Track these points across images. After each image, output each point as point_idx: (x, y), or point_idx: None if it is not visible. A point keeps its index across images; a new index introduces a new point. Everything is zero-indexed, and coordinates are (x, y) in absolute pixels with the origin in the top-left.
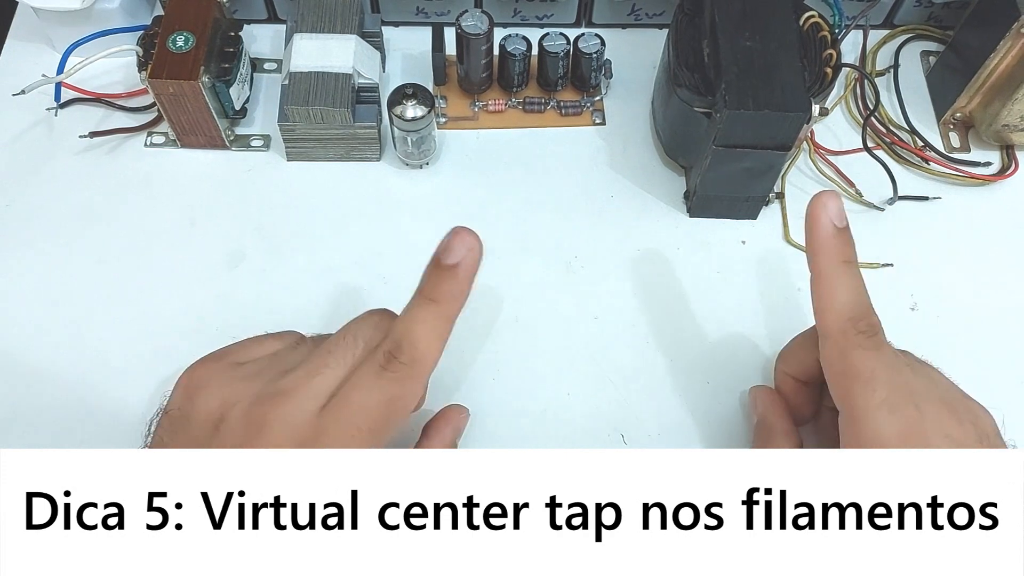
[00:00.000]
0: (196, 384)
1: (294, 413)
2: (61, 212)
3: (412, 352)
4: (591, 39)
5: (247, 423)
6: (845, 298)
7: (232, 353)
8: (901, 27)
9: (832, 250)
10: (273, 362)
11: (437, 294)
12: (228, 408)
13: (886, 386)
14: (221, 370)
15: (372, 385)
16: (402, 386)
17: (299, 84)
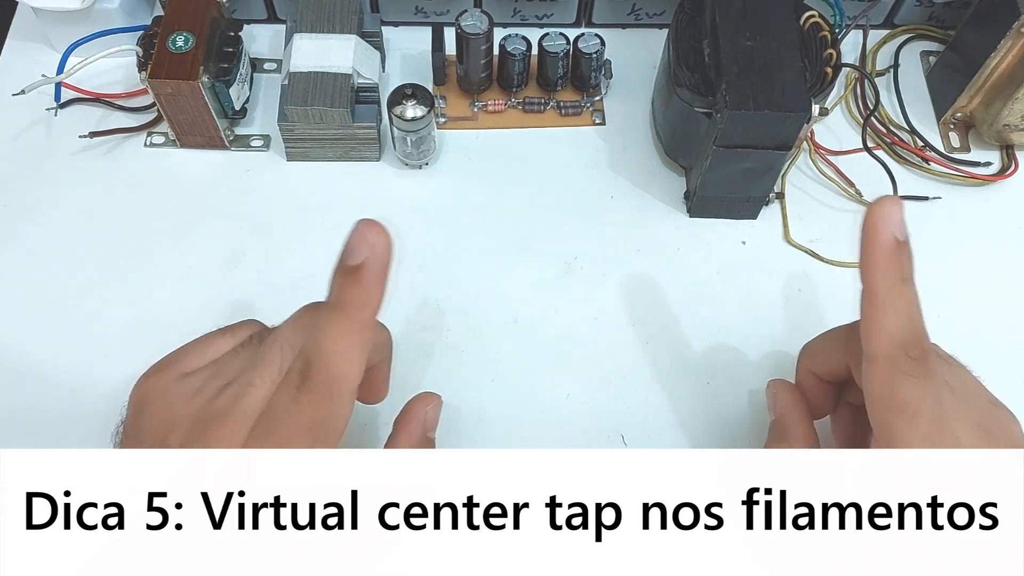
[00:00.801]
0: (142, 400)
1: (223, 441)
2: (61, 212)
3: (325, 371)
4: (591, 39)
5: (184, 452)
6: (900, 322)
7: (179, 360)
8: (901, 27)
9: (890, 266)
10: (214, 374)
11: (343, 301)
12: (169, 432)
13: (929, 421)
14: (165, 386)
15: (290, 410)
16: (321, 408)
17: (299, 84)
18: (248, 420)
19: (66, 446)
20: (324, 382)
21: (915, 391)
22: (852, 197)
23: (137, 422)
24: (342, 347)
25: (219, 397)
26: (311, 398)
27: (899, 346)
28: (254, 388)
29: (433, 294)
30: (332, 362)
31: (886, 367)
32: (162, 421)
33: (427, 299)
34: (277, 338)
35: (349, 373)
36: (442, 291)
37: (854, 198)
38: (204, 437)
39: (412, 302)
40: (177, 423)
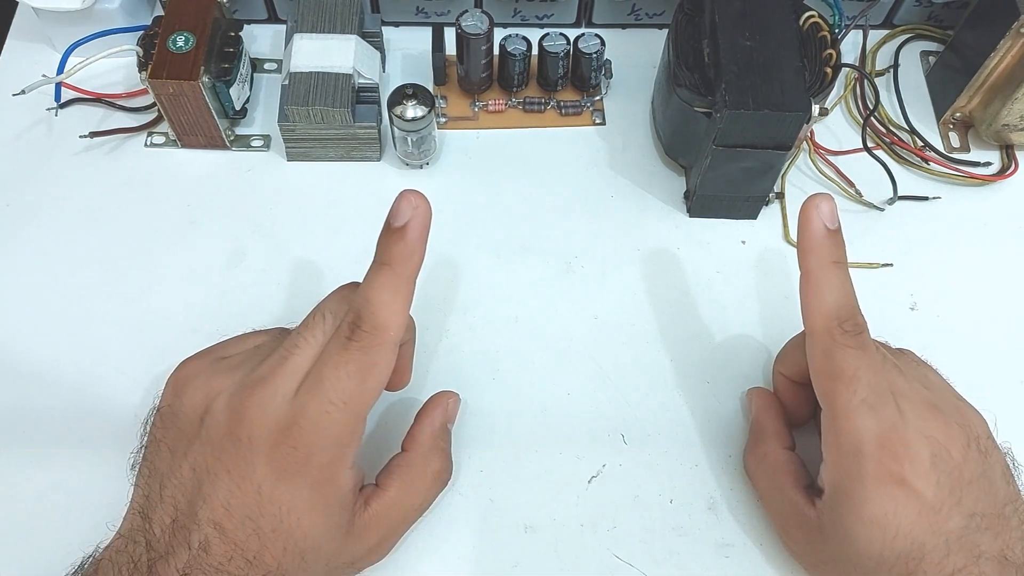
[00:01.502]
0: (183, 380)
1: (272, 397)
2: (61, 212)
3: (372, 320)
4: (591, 39)
5: (229, 413)
6: (832, 298)
7: (218, 349)
8: (901, 27)
9: (822, 251)
10: (255, 353)
11: (389, 257)
12: (211, 399)
13: (868, 386)
14: (206, 365)
15: (340, 357)
16: (369, 354)
17: (299, 84)
18: (296, 375)
19: (67, 446)
20: (372, 330)
21: (852, 360)
22: (852, 197)
23: (175, 400)
24: (388, 298)
25: (262, 364)
26: (360, 345)
27: (833, 319)
28: (299, 350)
29: (434, 293)
30: (380, 312)
31: (823, 339)
32: (204, 393)
33: (428, 298)
34: (318, 309)
35: (394, 322)
36: (442, 290)
37: (854, 198)
38: (247, 399)
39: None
40: (220, 390)
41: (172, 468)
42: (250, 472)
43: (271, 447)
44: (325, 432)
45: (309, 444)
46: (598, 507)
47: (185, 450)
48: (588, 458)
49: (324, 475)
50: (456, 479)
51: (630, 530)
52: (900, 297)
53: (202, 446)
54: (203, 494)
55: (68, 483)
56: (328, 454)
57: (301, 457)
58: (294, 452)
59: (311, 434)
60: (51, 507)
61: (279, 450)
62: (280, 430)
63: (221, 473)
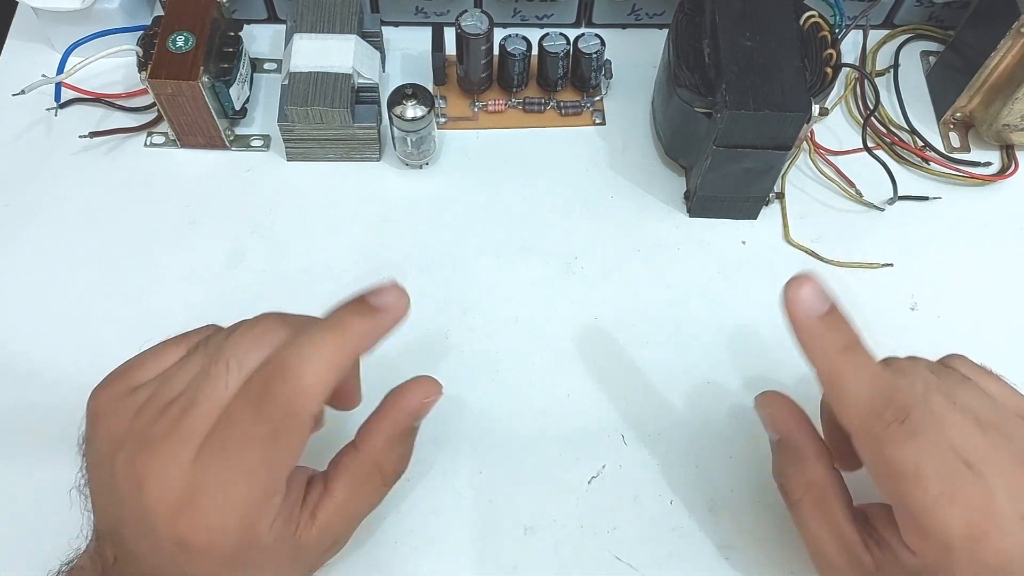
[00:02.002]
0: (94, 413)
1: (168, 465)
2: (61, 212)
3: (296, 382)
4: (591, 39)
5: (128, 479)
6: (858, 390)
7: (129, 372)
8: (901, 27)
9: (824, 343)
10: (160, 388)
11: (345, 324)
12: (117, 451)
13: (937, 477)
14: (114, 400)
15: (249, 423)
16: (282, 422)
17: (299, 84)
18: (194, 437)
19: (67, 446)
20: (291, 396)
21: (909, 454)
22: (852, 197)
23: (91, 435)
24: (323, 364)
25: (163, 416)
26: (272, 409)
27: (870, 416)
28: (197, 407)
29: (433, 293)
30: (307, 375)
31: (868, 440)
32: (110, 438)
33: (427, 298)
34: (224, 353)
35: (316, 392)
36: (442, 290)
37: (854, 198)
38: (144, 467)
39: (412, 301)
40: (123, 441)
41: (103, 510)
42: (167, 552)
43: (173, 525)
44: (230, 513)
45: (212, 529)
46: (598, 508)
47: (109, 498)
48: (588, 458)
49: (241, 546)
50: (456, 479)
51: (630, 531)
52: (900, 297)
53: (119, 507)
54: (132, 553)
55: (68, 483)
56: (235, 537)
57: (207, 545)
58: (198, 530)
59: (213, 511)
60: (51, 507)
61: (182, 528)
62: (180, 506)
63: (143, 544)
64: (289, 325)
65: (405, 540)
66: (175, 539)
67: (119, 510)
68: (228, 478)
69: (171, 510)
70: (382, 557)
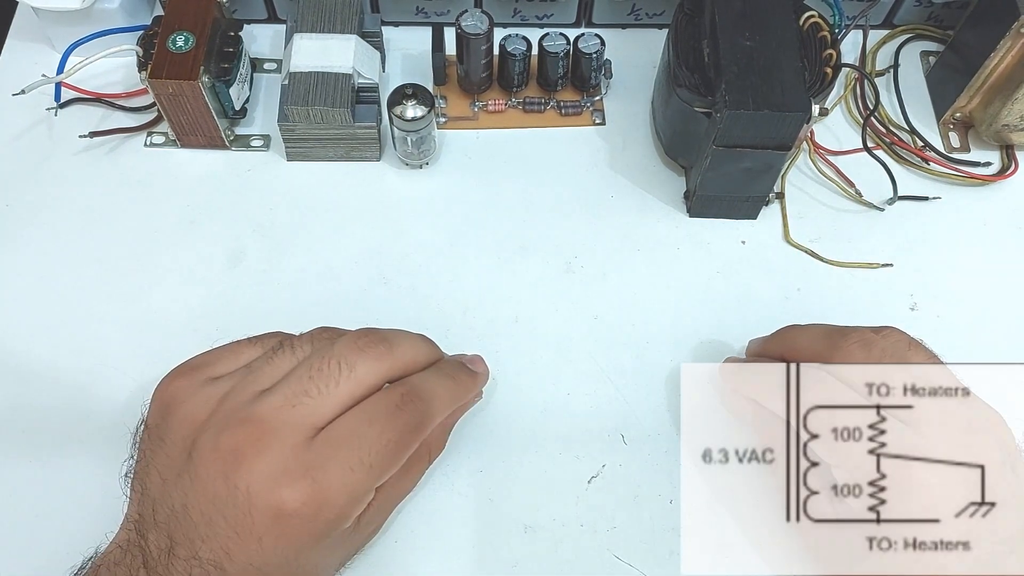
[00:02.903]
0: (169, 401)
1: (275, 445)
2: (61, 212)
3: (428, 404)
4: (591, 39)
5: (216, 456)
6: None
7: (206, 365)
8: (901, 27)
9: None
10: (247, 377)
11: (457, 375)
12: (200, 431)
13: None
14: (194, 387)
15: (386, 421)
16: (414, 432)
17: (299, 84)
18: (306, 426)
19: (67, 446)
20: (424, 411)
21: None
22: (852, 197)
23: (162, 423)
24: (443, 397)
25: (261, 401)
26: (408, 419)
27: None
28: (311, 399)
29: (433, 293)
30: (432, 400)
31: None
32: (191, 421)
33: (427, 298)
34: (334, 355)
35: (438, 417)
36: (442, 290)
37: (854, 198)
38: (243, 442)
39: (412, 301)
40: (209, 423)
41: (163, 495)
42: (249, 524)
43: (275, 493)
44: (342, 491)
45: (320, 501)
46: (598, 507)
47: (175, 480)
48: (588, 458)
49: (330, 527)
50: (456, 479)
51: (630, 530)
52: (900, 297)
53: (193, 484)
54: (201, 534)
55: (68, 483)
56: (337, 512)
57: (309, 514)
58: (306, 499)
59: (326, 491)
60: (51, 507)
61: (286, 496)
62: (288, 477)
63: (218, 519)
64: (389, 343)
65: (405, 539)
66: (274, 507)
67: (192, 490)
68: (351, 462)
69: (275, 481)
70: (382, 557)
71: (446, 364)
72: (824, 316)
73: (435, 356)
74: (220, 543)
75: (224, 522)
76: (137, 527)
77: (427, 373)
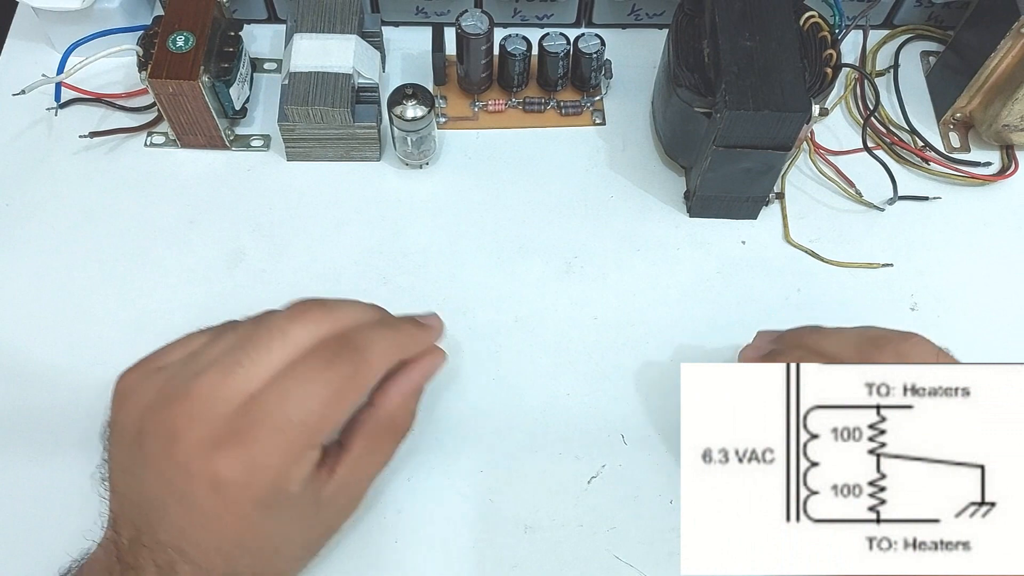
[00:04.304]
0: (121, 393)
1: (207, 411)
2: (61, 212)
3: (364, 354)
4: (591, 39)
5: (160, 430)
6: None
7: (157, 357)
8: (901, 27)
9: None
10: (191, 360)
11: (399, 325)
12: (142, 418)
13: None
14: (143, 377)
15: (317, 375)
16: (350, 381)
17: (299, 84)
18: (239, 391)
19: (66, 446)
20: (359, 362)
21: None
22: (852, 197)
23: (117, 415)
24: (381, 347)
25: (199, 377)
26: (342, 371)
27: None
28: (242, 367)
29: (433, 293)
30: (370, 350)
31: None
32: (136, 409)
33: (427, 298)
34: (267, 324)
35: (377, 369)
36: (442, 290)
37: (854, 198)
38: (178, 416)
39: (412, 301)
40: (150, 407)
41: (125, 485)
42: (193, 500)
43: (211, 460)
44: (274, 452)
45: (252, 464)
46: (598, 507)
47: (131, 468)
48: (588, 458)
49: (271, 491)
50: (456, 479)
51: (630, 530)
52: (900, 297)
53: (144, 468)
54: (159, 517)
55: (67, 483)
56: (273, 473)
57: (244, 480)
58: (238, 465)
59: (256, 454)
60: (50, 507)
61: (220, 464)
62: (220, 443)
63: (169, 500)
64: (327, 308)
65: (405, 539)
66: (211, 477)
67: (144, 474)
68: (280, 423)
69: (206, 450)
70: (382, 556)
71: (388, 316)
72: (824, 316)
73: (382, 318)
74: (175, 523)
75: (174, 502)
76: (112, 523)
77: (364, 325)
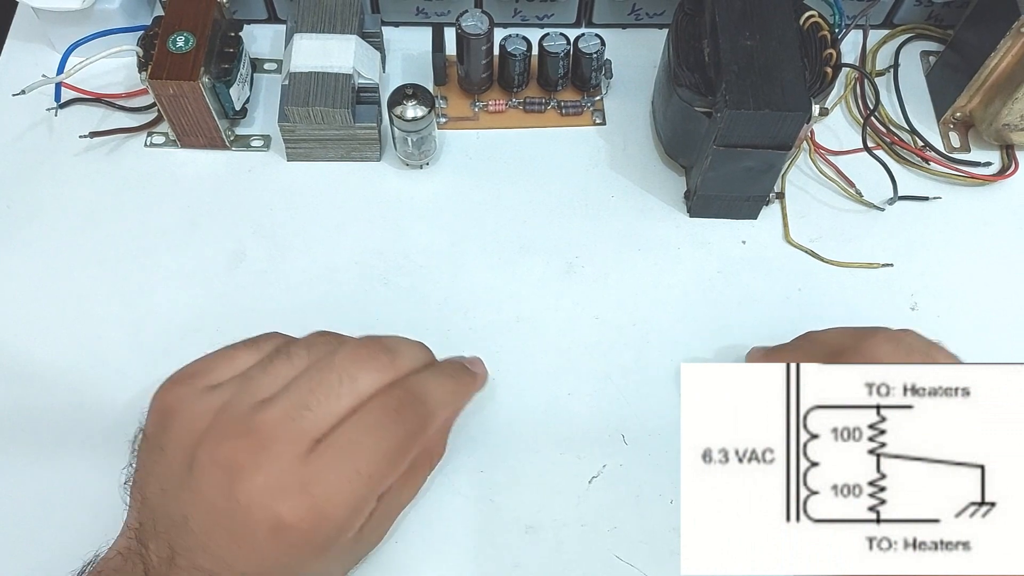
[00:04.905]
0: (167, 410)
1: (275, 458)
2: (61, 212)
3: (427, 407)
4: (591, 39)
5: (215, 468)
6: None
7: (203, 372)
8: (901, 27)
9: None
10: (245, 386)
11: (457, 375)
12: (199, 443)
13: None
14: (192, 396)
15: (384, 428)
16: (414, 436)
17: (299, 84)
18: (304, 439)
19: (67, 446)
20: (424, 415)
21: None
22: (852, 197)
23: (160, 433)
24: (442, 398)
25: (260, 413)
26: (408, 424)
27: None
28: (310, 410)
29: (434, 293)
30: (432, 402)
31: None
32: (190, 431)
33: (428, 298)
34: (334, 366)
35: (439, 419)
36: (443, 290)
37: (854, 198)
38: (243, 456)
39: (413, 301)
40: (207, 434)
41: (163, 505)
42: (248, 537)
43: (273, 508)
44: (341, 504)
45: (319, 515)
46: (599, 507)
47: (176, 491)
48: (588, 458)
49: (330, 540)
50: (456, 479)
51: (631, 530)
52: (900, 297)
53: (193, 495)
54: (201, 544)
55: (68, 483)
56: (336, 524)
57: (308, 528)
58: (305, 514)
59: (324, 505)
60: (51, 507)
61: (284, 511)
62: (286, 491)
63: (218, 531)
64: (392, 353)
65: (406, 540)
66: (273, 521)
67: (192, 501)
68: (349, 474)
69: (273, 495)
70: (382, 556)
71: (446, 364)
72: (824, 316)
73: (433, 362)
74: (220, 554)
75: (224, 534)
76: (138, 535)
77: (426, 374)
